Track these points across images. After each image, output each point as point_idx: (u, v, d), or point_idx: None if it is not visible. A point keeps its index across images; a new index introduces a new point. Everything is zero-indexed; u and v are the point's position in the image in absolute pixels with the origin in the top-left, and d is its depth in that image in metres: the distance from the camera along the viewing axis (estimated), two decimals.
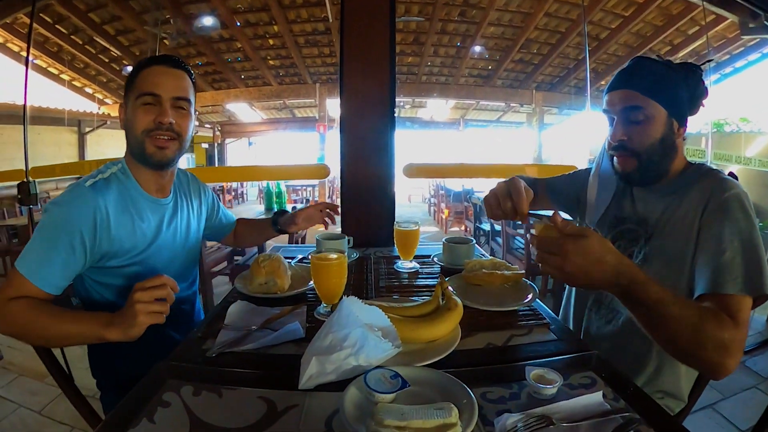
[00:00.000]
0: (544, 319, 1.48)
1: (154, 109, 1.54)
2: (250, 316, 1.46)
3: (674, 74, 1.46)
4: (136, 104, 1.53)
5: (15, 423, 2.92)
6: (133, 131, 1.55)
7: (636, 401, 1.01)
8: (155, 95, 1.53)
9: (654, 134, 1.46)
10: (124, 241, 1.53)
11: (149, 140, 1.55)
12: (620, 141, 1.50)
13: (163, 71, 1.57)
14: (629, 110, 1.47)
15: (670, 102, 1.45)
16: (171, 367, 1.14)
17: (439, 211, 12.05)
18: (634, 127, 1.48)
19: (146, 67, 1.56)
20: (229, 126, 18.34)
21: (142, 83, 1.54)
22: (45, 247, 1.39)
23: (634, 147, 1.49)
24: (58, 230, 1.40)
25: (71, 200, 1.44)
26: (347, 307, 1.11)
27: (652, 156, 1.48)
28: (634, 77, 1.48)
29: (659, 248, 1.49)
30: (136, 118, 1.54)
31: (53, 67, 10.44)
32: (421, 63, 11.90)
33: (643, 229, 1.57)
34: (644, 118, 1.46)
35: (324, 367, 1.02)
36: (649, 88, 1.45)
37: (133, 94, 1.55)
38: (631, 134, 1.48)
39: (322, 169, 3.41)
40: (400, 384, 0.95)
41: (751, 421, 2.93)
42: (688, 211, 1.43)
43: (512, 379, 1.10)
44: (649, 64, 1.49)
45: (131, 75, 1.58)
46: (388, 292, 1.77)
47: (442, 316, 1.29)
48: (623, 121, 1.50)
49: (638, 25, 8.88)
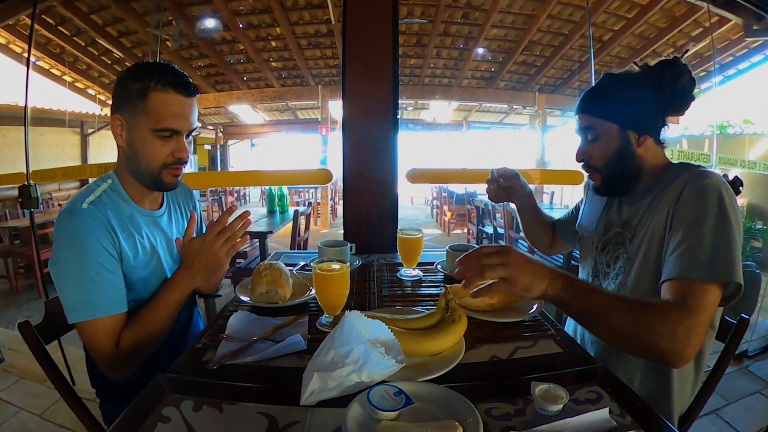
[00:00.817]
0: (549, 331, 1.46)
1: (171, 143, 1.50)
2: (251, 327, 1.44)
3: (637, 83, 1.53)
4: (151, 134, 1.46)
5: (16, 426, 2.92)
6: (149, 163, 1.50)
7: (642, 416, 0.99)
8: (176, 132, 1.50)
9: (608, 150, 1.57)
10: (129, 256, 1.51)
11: (166, 171, 1.53)
12: (582, 160, 1.65)
13: (181, 102, 1.49)
14: (584, 131, 1.61)
15: (622, 117, 1.53)
16: (171, 379, 1.12)
17: (442, 213, 12.06)
18: (590, 146, 1.60)
19: (161, 90, 1.45)
20: (231, 128, 18.35)
21: (159, 114, 1.45)
22: (89, 279, 1.38)
23: (594, 164, 1.62)
24: (88, 258, 1.38)
25: (77, 226, 1.40)
26: (350, 323, 1.10)
27: (613, 170, 1.59)
28: (585, 101, 1.61)
29: (639, 245, 1.52)
30: (153, 150, 1.48)
31: (55, 69, 10.43)
32: (423, 65, 11.87)
33: (627, 231, 1.61)
34: (596, 136, 1.58)
35: (326, 384, 1.01)
36: (598, 108, 1.57)
37: (145, 119, 1.45)
38: (590, 152, 1.61)
39: (325, 175, 3.39)
40: (404, 401, 0.93)
41: (755, 427, 2.93)
42: (663, 202, 1.46)
43: (517, 395, 1.08)
44: (607, 83, 1.59)
45: (137, 88, 1.44)
46: (391, 302, 1.75)
47: (447, 329, 1.28)
48: (582, 141, 1.64)
49: (642, 27, 8.85)
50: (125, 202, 1.58)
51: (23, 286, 5.96)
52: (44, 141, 10.47)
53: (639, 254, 1.51)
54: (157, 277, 1.62)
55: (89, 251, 1.38)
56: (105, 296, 1.39)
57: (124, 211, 1.56)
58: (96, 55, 10.05)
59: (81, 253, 1.38)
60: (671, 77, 1.50)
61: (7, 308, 5.29)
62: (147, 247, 1.60)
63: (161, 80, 1.44)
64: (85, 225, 1.40)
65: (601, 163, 1.59)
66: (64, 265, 1.38)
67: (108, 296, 1.39)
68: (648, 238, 1.48)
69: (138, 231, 1.58)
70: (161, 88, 1.44)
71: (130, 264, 1.51)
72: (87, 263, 1.37)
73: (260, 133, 19.00)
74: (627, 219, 1.62)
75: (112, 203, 1.53)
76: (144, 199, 1.64)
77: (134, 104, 1.45)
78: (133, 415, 0.99)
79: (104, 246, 1.41)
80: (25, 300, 5.64)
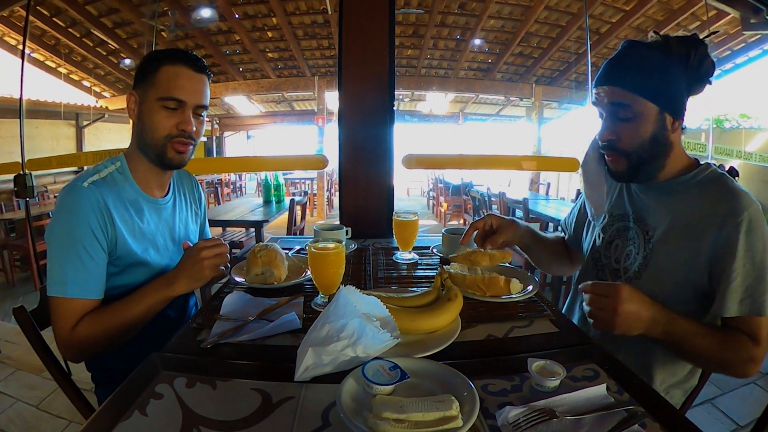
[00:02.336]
0: (545, 311, 1.45)
1: (177, 115, 1.54)
2: (246, 307, 1.43)
3: (670, 60, 1.37)
4: (157, 105, 1.52)
5: (13, 417, 2.91)
6: (153, 133, 1.54)
7: (640, 394, 0.99)
8: (180, 102, 1.53)
9: (643, 133, 1.39)
10: (127, 240, 1.52)
11: (170, 145, 1.55)
12: (609, 140, 1.45)
13: (190, 75, 1.54)
14: (616, 107, 1.40)
15: (662, 96, 1.37)
16: (165, 358, 1.12)
17: (438, 204, 12.07)
18: (622, 126, 1.41)
19: (171, 63, 1.52)
20: (227, 119, 18.30)
21: (167, 84, 1.51)
22: (69, 258, 1.40)
23: (623, 147, 1.42)
24: (73, 238, 1.40)
25: (73, 204, 1.42)
26: (344, 297, 1.09)
27: (643, 155, 1.42)
28: (620, 71, 1.40)
29: (665, 255, 1.42)
30: (159, 121, 1.52)
31: (51, 61, 10.37)
32: (420, 56, 11.85)
33: (641, 228, 1.51)
34: (632, 116, 1.39)
35: (321, 359, 1.00)
36: (636, 83, 1.37)
37: (153, 90, 1.51)
38: (620, 133, 1.42)
39: (320, 160, 3.39)
40: (400, 376, 0.92)
41: (749, 416, 2.94)
42: (699, 221, 1.36)
43: (514, 372, 1.07)
44: (640, 54, 1.40)
45: (151, 65, 1.53)
46: (386, 283, 1.74)
47: (442, 307, 1.27)
48: (611, 119, 1.44)
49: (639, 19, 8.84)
50: (131, 186, 1.59)
51: (19, 279, 5.94)
52: (39, 133, 10.42)
53: (655, 261, 1.44)
54: (155, 264, 1.62)
55: (76, 231, 1.40)
56: (79, 278, 1.40)
57: (128, 195, 1.57)
58: (91, 46, 10.01)
59: (69, 232, 1.40)
60: (696, 56, 1.37)
61: (2, 301, 5.27)
62: (146, 233, 1.60)
63: (172, 57, 1.53)
64: (79, 204, 1.41)
65: (632, 147, 1.41)
66: (53, 240, 1.42)
67: (82, 279, 1.40)
68: (676, 252, 1.40)
69: (140, 216, 1.59)
70: (171, 62, 1.52)
71: (127, 248, 1.51)
72: (71, 242, 1.39)
73: (256, 125, 18.95)
74: (641, 214, 1.53)
75: (117, 186, 1.55)
76: (151, 185, 1.66)
77: (146, 78, 1.53)
78: (126, 391, 0.98)
79: (92, 229, 1.42)
80: (21, 293, 5.62)
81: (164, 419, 0.90)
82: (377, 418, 0.80)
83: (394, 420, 0.80)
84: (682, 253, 1.38)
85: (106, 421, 0.89)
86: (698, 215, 1.36)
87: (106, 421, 0.89)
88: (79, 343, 1.40)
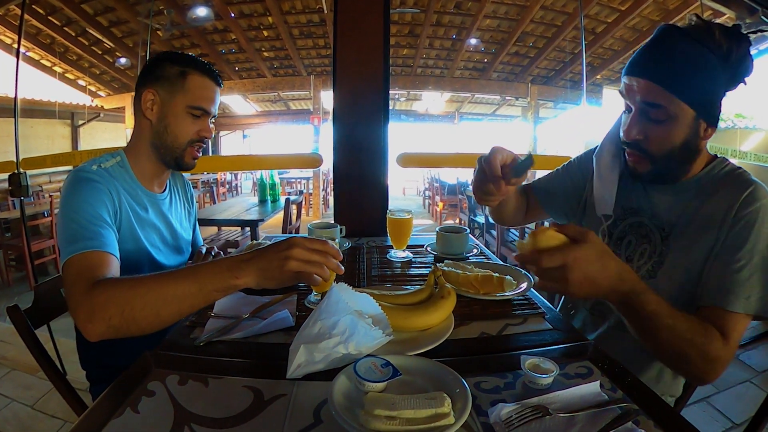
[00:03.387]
0: (539, 309, 1.45)
1: (199, 122, 1.64)
2: (239, 305, 1.43)
3: (712, 56, 1.21)
4: (186, 111, 1.61)
5: (8, 417, 2.91)
6: (177, 137, 1.62)
7: (634, 391, 0.98)
8: (206, 111, 1.64)
9: (675, 138, 1.27)
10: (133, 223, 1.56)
11: (189, 150, 1.66)
12: (635, 140, 1.32)
13: (214, 88, 1.66)
14: (649, 106, 1.26)
15: (701, 100, 1.24)
16: (158, 356, 1.12)
17: (434, 203, 12.08)
18: (652, 127, 1.28)
19: (200, 74, 1.62)
20: (223, 118, 18.23)
21: (198, 94, 1.61)
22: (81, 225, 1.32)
23: (650, 149, 1.31)
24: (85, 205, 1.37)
25: (83, 182, 1.42)
26: (337, 294, 1.09)
27: (670, 162, 1.31)
28: (659, 65, 1.24)
29: (680, 251, 1.34)
30: (185, 127, 1.62)
31: (46, 59, 10.36)
32: (416, 55, 11.86)
33: (656, 225, 1.42)
34: (665, 118, 1.25)
35: (312, 356, 1.00)
36: (676, 82, 1.22)
37: (183, 96, 1.59)
38: (649, 134, 1.29)
39: (315, 159, 3.40)
40: (392, 373, 0.92)
41: (744, 415, 2.94)
42: (714, 213, 1.28)
43: (507, 369, 1.07)
44: (681, 46, 1.22)
45: (174, 69, 1.59)
46: (380, 281, 1.74)
47: (435, 304, 1.27)
48: (641, 116, 1.30)
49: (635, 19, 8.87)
50: (131, 180, 1.63)
51: (14, 279, 5.92)
52: (34, 133, 10.40)
53: (670, 260, 1.36)
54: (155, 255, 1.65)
55: (90, 200, 1.39)
56: (91, 235, 1.31)
57: (129, 186, 1.61)
58: (86, 45, 10.00)
59: (82, 200, 1.37)
60: (739, 53, 1.24)
61: None
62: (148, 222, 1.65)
63: (198, 67, 1.62)
64: (92, 180, 1.44)
65: (661, 151, 1.29)
66: (66, 213, 1.35)
67: (95, 235, 1.31)
68: (692, 247, 1.31)
69: (141, 207, 1.63)
70: (199, 73, 1.62)
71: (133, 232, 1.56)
72: (85, 208, 1.36)
73: (252, 124, 18.91)
74: (656, 211, 1.43)
75: (120, 177, 1.58)
76: (151, 180, 1.70)
77: (172, 82, 1.59)
78: (119, 389, 0.98)
79: (105, 201, 1.42)
80: (16, 292, 5.60)
81: (156, 416, 0.90)
82: (369, 415, 0.80)
83: (386, 417, 0.80)
84: (699, 248, 1.29)
85: (98, 418, 0.89)
86: (714, 209, 1.28)
87: (99, 418, 0.89)
88: (98, 305, 1.11)
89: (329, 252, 1.13)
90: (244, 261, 1.12)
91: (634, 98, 1.29)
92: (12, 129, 3.68)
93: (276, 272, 1.10)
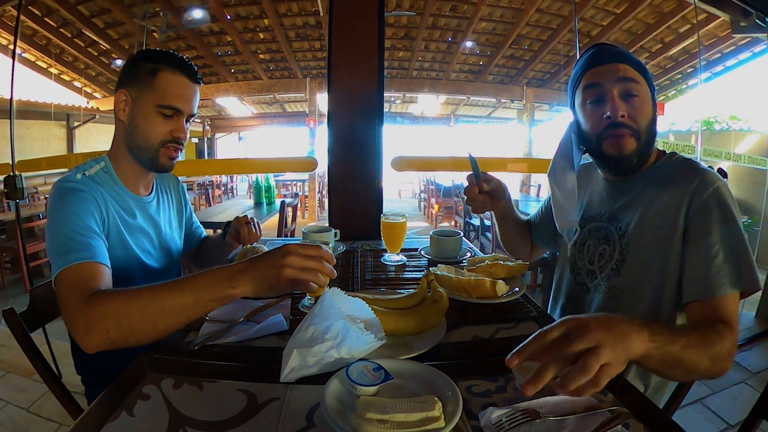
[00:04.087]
0: (531, 313, 1.47)
1: (172, 122, 1.57)
2: (233, 309, 1.43)
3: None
4: (155, 111, 1.53)
5: (3, 420, 2.90)
6: (147, 138, 1.55)
7: (624, 394, 1.00)
8: (178, 111, 1.56)
9: (649, 113, 1.40)
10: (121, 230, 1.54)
11: (163, 150, 1.57)
12: (623, 114, 1.37)
13: (188, 85, 1.58)
14: (627, 82, 1.37)
15: (651, 85, 1.42)
16: (153, 359, 1.13)
17: (429, 206, 12.08)
18: (633, 101, 1.38)
19: (171, 71, 1.54)
20: (218, 120, 18.24)
21: (167, 92, 1.53)
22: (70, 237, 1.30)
23: (636, 124, 1.38)
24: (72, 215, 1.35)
25: (71, 189, 1.41)
26: (329, 299, 1.10)
27: (647, 137, 1.40)
28: (620, 52, 1.42)
29: (639, 246, 1.41)
30: (155, 127, 1.54)
31: (41, 61, 10.30)
32: (411, 58, 11.85)
33: (614, 226, 1.50)
34: (639, 93, 1.38)
35: (305, 360, 1.01)
36: (638, 65, 1.40)
37: (152, 95, 1.52)
38: (630, 110, 1.38)
39: (310, 162, 3.41)
40: (384, 377, 0.93)
41: (739, 416, 2.96)
42: (669, 206, 1.35)
43: (499, 373, 1.09)
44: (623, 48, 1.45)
45: (146, 66, 1.52)
46: (374, 285, 1.75)
47: (428, 309, 1.28)
48: (622, 94, 1.38)
49: (630, 22, 8.88)
50: (117, 185, 1.60)
51: (9, 281, 5.89)
52: (30, 134, 10.35)
53: (632, 253, 1.42)
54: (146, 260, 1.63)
55: (77, 210, 1.36)
56: (82, 246, 1.29)
57: (115, 193, 1.58)
58: (82, 46, 9.95)
59: (69, 212, 1.35)
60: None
61: None
62: (136, 228, 1.62)
63: (171, 63, 1.54)
64: (78, 190, 1.41)
65: (644, 125, 1.38)
66: (53, 225, 1.33)
67: (86, 246, 1.30)
68: (647, 241, 1.39)
69: (128, 212, 1.60)
70: (170, 69, 1.53)
71: (122, 238, 1.54)
72: (73, 220, 1.34)
73: (248, 126, 18.90)
74: (614, 213, 1.51)
75: (105, 184, 1.55)
76: (136, 184, 1.67)
77: (142, 81, 1.52)
78: (114, 392, 0.99)
79: (92, 211, 1.40)
80: (11, 295, 5.57)
81: (151, 420, 0.91)
82: (361, 418, 0.81)
83: (378, 420, 0.81)
84: (658, 240, 1.36)
85: (94, 421, 0.90)
86: (668, 200, 1.36)
87: (95, 422, 0.90)
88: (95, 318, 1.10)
89: (324, 257, 1.12)
90: (240, 271, 1.10)
91: (611, 79, 1.38)
92: (7, 131, 3.68)
93: (272, 281, 1.09)
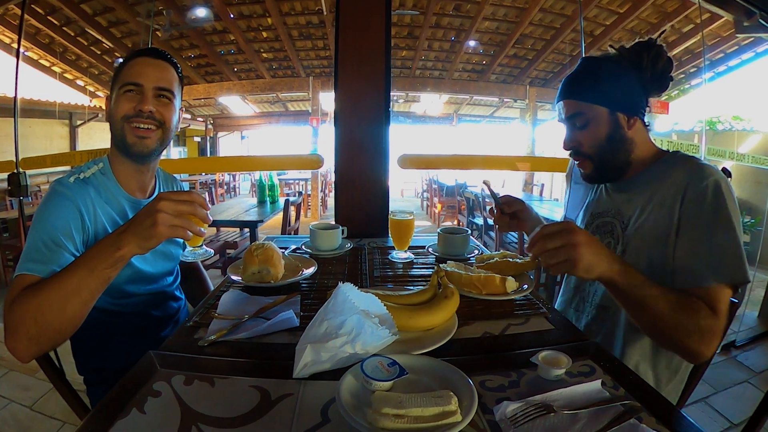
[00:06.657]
0: (541, 308, 1.47)
1: (136, 98, 1.54)
2: (243, 305, 1.43)
3: (620, 65, 1.51)
4: (119, 93, 1.54)
5: (6, 418, 2.90)
6: (114, 118, 1.55)
7: (635, 389, 1.00)
8: (138, 84, 1.54)
9: (599, 135, 1.52)
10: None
11: (129, 127, 1.54)
12: (571, 147, 1.60)
13: (147, 62, 1.57)
14: (572, 118, 1.55)
15: (611, 98, 1.49)
16: (162, 356, 1.12)
17: (432, 205, 12.08)
18: (579, 133, 1.55)
19: (131, 59, 1.57)
20: (221, 119, 18.25)
21: (127, 74, 1.55)
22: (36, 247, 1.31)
23: (585, 151, 1.56)
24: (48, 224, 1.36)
25: (55, 198, 1.41)
26: (343, 294, 1.09)
27: (605, 155, 1.54)
28: (571, 85, 1.55)
29: (639, 238, 1.49)
30: (118, 105, 1.54)
31: (45, 59, 10.33)
32: (415, 57, 11.84)
33: (619, 220, 1.59)
34: (586, 122, 1.53)
35: (319, 356, 1.00)
36: (584, 92, 1.52)
37: (117, 85, 1.55)
38: (579, 139, 1.56)
39: (316, 160, 3.40)
40: (398, 372, 0.93)
41: (742, 415, 2.96)
42: (666, 198, 1.43)
43: (511, 368, 1.09)
44: (590, 66, 1.55)
45: (118, 69, 1.59)
46: (382, 282, 1.75)
47: (439, 305, 1.28)
48: (569, 129, 1.59)
49: (633, 22, 8.87)
50: (113, 186, 1.59)
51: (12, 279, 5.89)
52: (33, 133, 10.37)
53: (632, 246, 1.50)
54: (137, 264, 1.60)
55: (55, 221, 1.37)
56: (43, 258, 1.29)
57: (110, 195, 1.57)
58: (86, 45, 9.97)
59: (47, 220, 1.36)
60: (650, 58, 1.50)
61: None
62: None
63: (138, 53, 1.59)
64: (63, 197, 1.41)
65: (593, 150, 1.55)
66: (32, 227, 1.36)
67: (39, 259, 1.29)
68: (646, 234, 1.46)
69: (122, 216, 1.58)
70: (133, 57, 1.58)
71: None
72: (47, 229, 1.34)
73: (250, 125, 18.91)
74: (619, 208, 1.60)
75: (100, 186, 1.55)
76: (132, 185, 1.65)
77: (114, 80, 1.58)
78: (124, 389, 0.98)
79: (70, 220, 1.40)
80: None
81: (162, 417, 0.91)
82: (377, 413, 0.81)
83: (394, 415, 0.81)
84: (656, 234, 1.43)
85: (103, 418, 0.89)
86: (666, 193, 1.43)
87: (104, 419, 0.89)
88: (16, 321, 1.15)
89: (196, 201, 1.17)
90: (121, 232, 1.15)
91: (562, 118, 1.59)
92: (11, 129, 3.68)
93: (150, 231, 1.12)
